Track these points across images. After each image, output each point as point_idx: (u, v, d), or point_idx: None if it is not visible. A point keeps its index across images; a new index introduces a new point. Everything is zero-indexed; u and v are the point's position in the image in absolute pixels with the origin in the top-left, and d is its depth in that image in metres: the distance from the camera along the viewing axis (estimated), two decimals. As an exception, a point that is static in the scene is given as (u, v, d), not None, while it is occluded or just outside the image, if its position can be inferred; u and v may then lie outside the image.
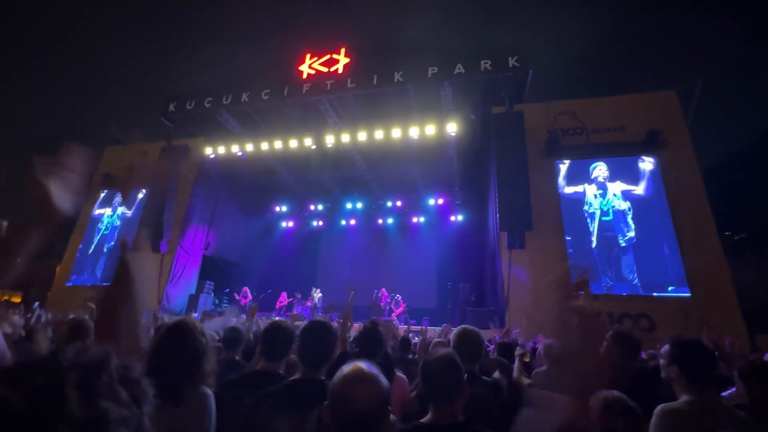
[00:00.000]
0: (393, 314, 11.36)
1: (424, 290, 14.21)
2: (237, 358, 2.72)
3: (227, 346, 2.70)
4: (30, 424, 0.27)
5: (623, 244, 9.18)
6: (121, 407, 0.35)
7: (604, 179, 9.78)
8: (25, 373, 0.32)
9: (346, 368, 1.09)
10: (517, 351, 3.04)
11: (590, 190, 9.80)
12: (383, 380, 1.08)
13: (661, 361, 1.81)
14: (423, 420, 1.40)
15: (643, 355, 3.56)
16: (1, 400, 0.28)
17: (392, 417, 1.43)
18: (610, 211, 9.47)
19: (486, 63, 10.33)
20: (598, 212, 9.56)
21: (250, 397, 1.54)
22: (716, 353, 2.51)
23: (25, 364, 0.34)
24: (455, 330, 2.49)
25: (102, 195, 13.61)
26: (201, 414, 1.43)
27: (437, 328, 7.30)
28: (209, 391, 1.51)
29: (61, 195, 0.87)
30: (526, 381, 2.60)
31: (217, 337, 2.96)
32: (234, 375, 1.83)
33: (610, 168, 9.83)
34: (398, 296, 12.13)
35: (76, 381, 0.32)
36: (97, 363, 0.35)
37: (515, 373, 2.77)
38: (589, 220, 9.57)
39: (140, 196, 13.27)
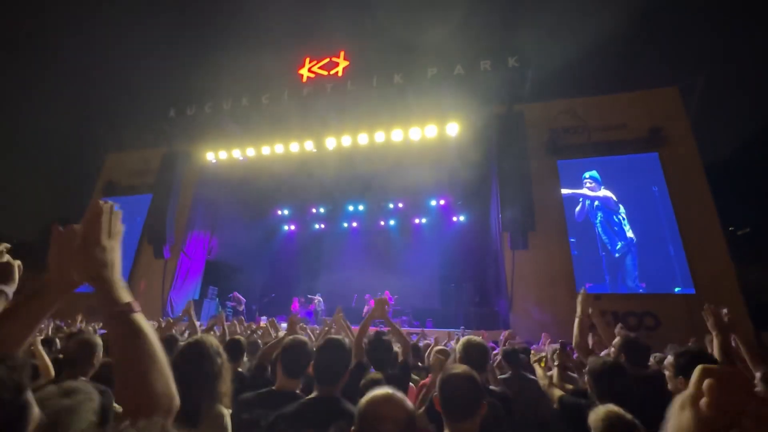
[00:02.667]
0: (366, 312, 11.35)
1: (427, 291, 14.21)
2: (240, 370, 2.75)
3: (229, 359, 2.73)
4: None
5: (617, 254, 9.20)
6: None
7: (594, 188, 9.81)
8: None
9: (374, 391, 1.14)
10: (532, 357, 2.94)
11: (584, 198, 9.84)
12: (409, 403, 1.13)
13: (667, 373, 1.83)
14: None
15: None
16: None
17: None
18: (599, 222, 9.52)
19: (485, 63, 10.32)
20: (592, 221, 9.60)
21: (267, 419, 1.56)
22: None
23: None
24: (460, 341, 2.50)
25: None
26: None
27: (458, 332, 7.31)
28: (225, 411, 1.53)
29: (83, 267, 0.80)
30: (557, 392, 2.32)
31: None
32: (250, 394, 1.84)
33: (603, 174, 9.84)
34: (366, 296, 12.21)
35: None
36: None
37: (542, 382, 2.60)
38: (595, 226, 9.60)
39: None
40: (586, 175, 9.94)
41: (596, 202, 9.67)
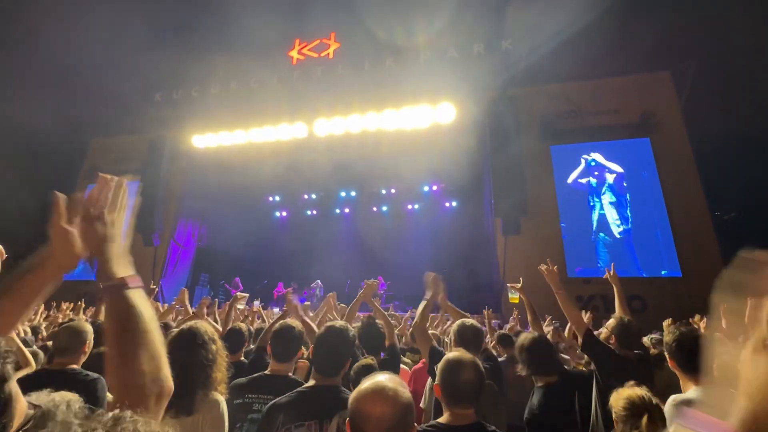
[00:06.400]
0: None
1: (419, 277, 14.23)
2: (241, 359, 2.67)
3: (229, 348, 2.68)
4: None
5: (619, 236, 9.29)
6: None
7: (601, 171, 9.82)
8: None
9: (365, 383, 1.06)
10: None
11: (591, 182, 9.86)
12: (404, 393, 1.04)
13: (667, 354, 1.87)
14: (440, 420, 1.42)
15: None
16: None
17: None
18: (607, 203, 9.55)
19: (479, 46, 10.21)
20: (597, 204, 9.62)
21: (260, 403, 1.55)
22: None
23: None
24: (455, 324, 2.53)
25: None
26: (214, 422, 1.45)
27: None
28: (221, 398, 1.52)
29: (84, 240, 0.75)
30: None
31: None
32: (242, 379, 1.83)
33: (606, 157, 9.86)
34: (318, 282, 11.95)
35: None
36: None
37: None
38: (590, 210, 9.65)
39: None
40: (591, 162, 9.94)
41: (609, 181, 9.68)
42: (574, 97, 10.31)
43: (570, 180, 9.94)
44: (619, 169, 9.68)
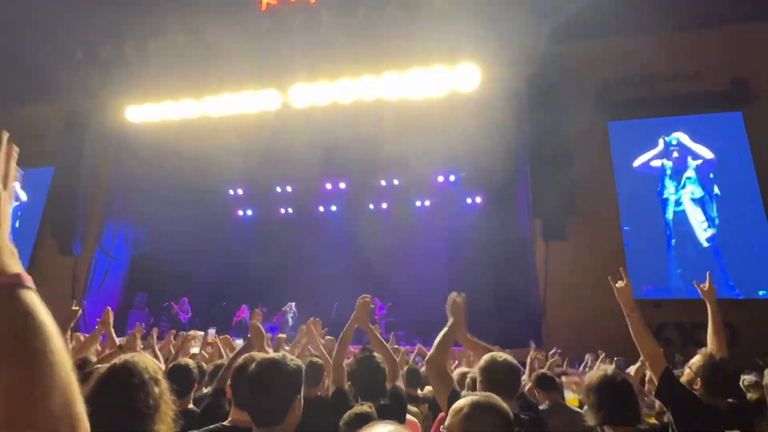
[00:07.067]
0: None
1: (430, 297, 14.26)
2: (190, 407, 2.66)
3: (175, 392, 2.65)
4: None
5: (703, 244, 9.24)
6: None
7: (682, 153, 9.77)
8: None
9: None
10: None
11: (666, 167, 9.81)
12: None
13: None
14: None
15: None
16: None
17: None
18: (683, 198, 9.51)
19: (513, -11, 10.21)
20: (671, 198, 9.56)
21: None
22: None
23: None
24: (483, 359, 2.53)
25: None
26: None
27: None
28: None
29: None
30: None
31: None
32: (194, 432, 1.81)
33: (692, 137, 9.81)
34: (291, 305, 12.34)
35: None
36: None
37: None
38: (662, 207, 9.61)
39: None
40: (672, 140, 9.89)
41: (689, 172, 9.66)
42: (640, 57, 10.31)
43: (637, 164, 9.88)
44: (710, 155, 9.63)
